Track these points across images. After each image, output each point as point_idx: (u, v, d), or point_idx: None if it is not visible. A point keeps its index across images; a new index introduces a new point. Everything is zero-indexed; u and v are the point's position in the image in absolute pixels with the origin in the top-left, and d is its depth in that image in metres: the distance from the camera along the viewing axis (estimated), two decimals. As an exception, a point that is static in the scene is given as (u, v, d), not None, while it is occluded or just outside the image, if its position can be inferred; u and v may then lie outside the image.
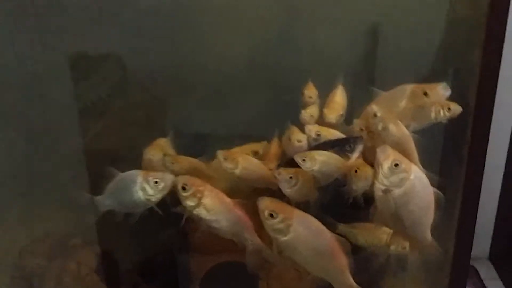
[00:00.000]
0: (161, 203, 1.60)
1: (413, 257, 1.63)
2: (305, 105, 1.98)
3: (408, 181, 1.44)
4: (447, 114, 1.70)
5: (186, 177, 1.57)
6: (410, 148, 1.63)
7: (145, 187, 1.55)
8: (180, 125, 2.09)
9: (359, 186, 1.64)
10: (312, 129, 1.84)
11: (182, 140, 1.94)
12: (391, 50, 2.12)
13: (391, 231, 1.69)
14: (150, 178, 1.56)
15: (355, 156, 1.71)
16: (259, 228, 1.55)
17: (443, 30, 1.97)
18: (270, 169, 1.77)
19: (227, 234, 1.59)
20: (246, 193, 1.72)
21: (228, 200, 1.57)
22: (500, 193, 2.64)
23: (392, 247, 1.73)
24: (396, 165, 1.42)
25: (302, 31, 2.16)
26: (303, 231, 1.48)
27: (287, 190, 1.63)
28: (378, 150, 1.44)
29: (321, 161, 1.65)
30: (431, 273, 1.89)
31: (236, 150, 1.88)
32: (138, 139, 1.94)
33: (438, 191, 1.51)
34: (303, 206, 1.62)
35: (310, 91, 1.99)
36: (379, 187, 1.44)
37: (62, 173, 2.00)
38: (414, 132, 1.68)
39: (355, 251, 1.57)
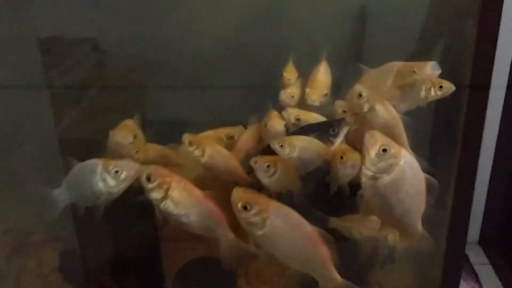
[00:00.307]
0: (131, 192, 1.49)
1: (403, 248, 1.58)
2: (284, 87, 1.86)
3: (398, 167, 1.35)
4: (439, 92, 1.57)
5: (151, 166, 1.46)
6: (399, 131, 1.53)
7: (106, 178, 1.44)
8: (156, 110, 2.01)
9: (345, 173, 1.54)
10: (292, 112, 1.74)
11: (158, 126, 1.90)
12: (379, 23, 2.02)
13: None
14: (111, 168, 1.44)
15: (338, 140, 1.60)
16: (234, 222, 1.45)
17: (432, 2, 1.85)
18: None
19: (198, 230, 1.48)
20: (221, 183, 1.61)
21: (198, 192, 1.47)
22: (490, 176, 2.56)
23: (390, 238, 1.65)
24: (385, 150, 1.34)
25: (285, 7, 2.05)
26: (280, 224, 1.39)
27: (265, 180, 1.53)
28: (366, 134, 1.36)
29: (300, 147, 1.56)
30: (423, 264, 1.82)
31: (208, 133, 1.77)
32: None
33: (431, 177, 1.41)
34: (285, 197, 1.54)
35: (289, 73, 1.87)
36: (366, 173, 1.36)
37: (26, 166, 1.87)
38: (403, 113, 1.59)
39: (349, 244, 1.55)
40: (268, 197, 1.43)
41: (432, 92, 1.57)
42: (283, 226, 1.39)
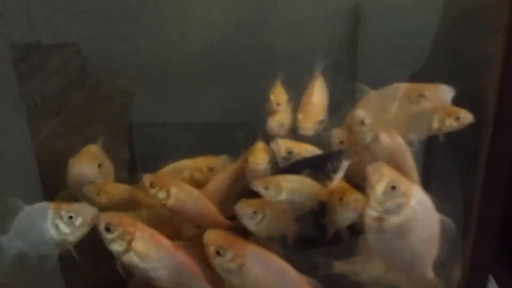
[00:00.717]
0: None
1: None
2: (272, 112, 1.65)
3: (408, 208, 1.18)
4: (454, 124, 1.37)
5: (110, 214, 1.30)
6: (407, 165, 1.37)
7: (59, 224, 1.28)
8: (142, 117, 1.89)
9: (345, 217, 1.38)
10: (282, 144, 1.54)
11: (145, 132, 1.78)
12: (378, 33, 1.83)
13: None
14: (63, 212, 1.28)
15: (338, 177, 1.43)
16: (213, 274, 1.29)
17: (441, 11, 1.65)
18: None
19: (169, 284, 1.31)
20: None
21: (167, 243, 1.30)
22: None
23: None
24: (393, 187, 1.17)
25: (278, 9, 1.88)
26: (260, 272, 1.25)
27: (252, 227, 1.36)
28: (370, 168, 1.21)
29: (289, 189, 1.40)
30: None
31: (185, 163, 1.59)
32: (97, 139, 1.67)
33: (447, 219, 1.24)
34: (279, 242, 1.40)
35: (278, 96, 1.67)
36: (371, 215, 1.19)
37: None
38: (411, 144, 1.41)
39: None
40: (245, 241, 1.29)
41: (447, 123, 1.37)
42: (263, 274, 1.25)
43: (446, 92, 1.39)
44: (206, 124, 1.88)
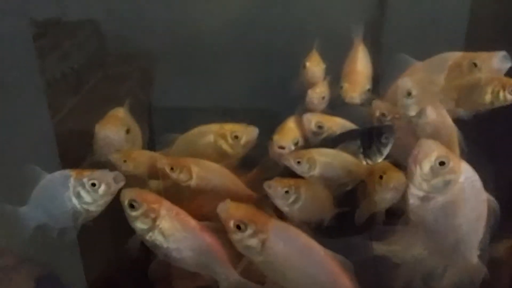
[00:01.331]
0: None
1: (451, 281, 1.26)
2: (308, 83, 1.53)
3: (457, 185, 1.09)
4: (510, 97, 1.24)
5: (134, 190, 1.21)
6: (452, 143, 1.26)
7: (80, 193, 1.19)
8: (162, 98, 1.79)
9: (384, 198, 1.24)
10: (312, 119, 1.42)
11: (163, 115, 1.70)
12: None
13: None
14: (86, 180, 1.19)
15: (385, 153, 1.31)
16: (238, 258, 1.22)
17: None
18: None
19: (192, 266, 1.24)
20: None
21: (193, 222, 1.22)
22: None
23: None
24: (442, 163, 1.08)
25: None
26: (283, 248, 1.15)
27: (285, 208, 1.25)
28: (418, 143, 1.11)
29: (323, 163, 1.28)
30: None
31: (213, 127, 1.44)
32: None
33: (492, 199, 1.16)
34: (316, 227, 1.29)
35: (314, 64, 1.53)
36: (415, 194, 1.11)
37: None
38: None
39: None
40: (267, 215, 1.19)
41: (501, 97, 1.24)
42: (288, 250, 1.16)
43: (501, 61, 1.23)
44: (229, 109, 1.77)
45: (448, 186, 1.09)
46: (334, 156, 1.31)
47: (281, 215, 1.26)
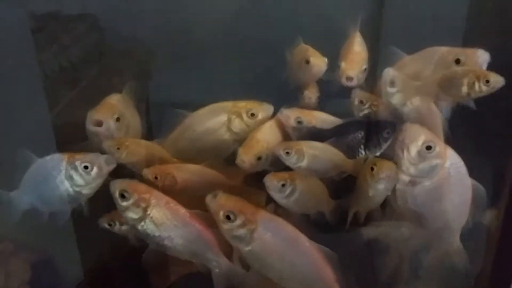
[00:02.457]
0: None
1: (432, 263, 1.28)
2: (309, 78, 1.47)
3: (442, 170, 1.11)
4: (484, 88, 1.21)
5: (124, 180, 1.19)
6: (436, 129, 1.23)
7: (73, 175, 1.18)
8: (160, 93, 1.74)
9: (378, 189, 1.20)
10: (290, 115, 1.38)
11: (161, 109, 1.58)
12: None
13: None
14: (78, 163, 1.18)
15: (384, 147, 1.29)
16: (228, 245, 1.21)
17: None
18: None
19: (184, 254, 1.23)
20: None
21: (183, 211, 1.21)
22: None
23: None
24: (429, 147, 1.10)
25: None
26: (271, 239, 1.15)
27: (281, 201, 1.25)
28: (404, 128, 1.13)
29: (311, 156, 1.26)
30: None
31: (226, 105, 1.40)
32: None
33: (478, 184, 1.16)
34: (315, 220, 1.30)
35: (319, 60, 1.43)
36: (402, 178, 1.13)
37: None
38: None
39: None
40: (256, 206, 1.18)
41: (476, 87, 1.22)
42: (275, 241, 1.15)
43: (482, 57, 1.26)
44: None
45: (435, 171, 1.10)
46: (322, 149, 1.29)
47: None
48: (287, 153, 1.25)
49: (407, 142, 1.09)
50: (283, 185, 1.23)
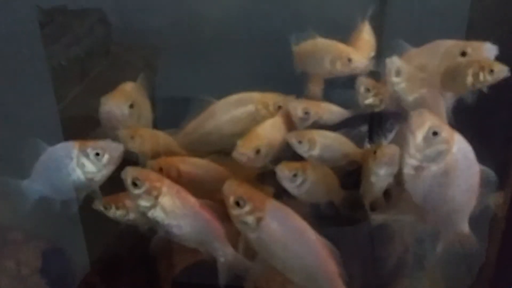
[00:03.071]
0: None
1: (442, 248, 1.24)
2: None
3: (450, 156, 1.07)
4: (489, 78, 1.21)
5: (136, 169, 1.20)
6: (439, 115, 1.22)
7: (84, 163, 1.17)
8: (166, 87, 1.73)
9: (379, 175, 1.20)
10: (298, 106, 1.36)
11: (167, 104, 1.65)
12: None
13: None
14: (89, 150, 1.17)
15: (389, 138, 1.31)
16: (235, 235, 1.22)
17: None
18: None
19: (191, 243, 1.24)
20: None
21: (192, 200, 1.21)
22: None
23: None
24: (435, 133, 1.07)
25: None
26: (277, 228, 1.15)
27: (293, 190, 1.25)
28: (412, 114, 1.09)
29: (323, 145, 1.28)
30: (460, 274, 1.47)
31: (254, 96, 1.40)
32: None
33: (488, 169, 1.12)
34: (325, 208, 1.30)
35: (360, 57, 1.39)
36: (409, 163, 1.09)
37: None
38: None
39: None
40: (266, 195, 1.18)
41: (481, 77, 1.21)
42: (280, 231, 1.15)
43: (490, 50, 1.25)
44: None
45: (441, 156, 1.07)
46: (333, 139, 1.30)
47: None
48: (299, 142, 1.26)
49: (414, 128, 1.06)
50: (294, 175, 1.23)
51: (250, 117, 1.36)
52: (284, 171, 1.23)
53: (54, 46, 1.59)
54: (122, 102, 1.32)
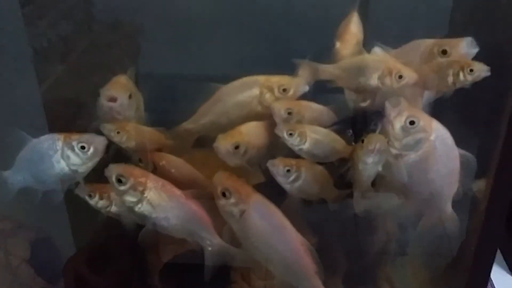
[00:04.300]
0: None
1: (424, 230, 1.26)
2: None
3: (428, 143, 1.09)
4: (469, 77, 1.21)
5: (120, 165, 1.20)
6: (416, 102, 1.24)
7: (69, 155, 1.17)
8: (149, 67, 1.65)
9: (368, 162, 1.16)
10: (280, 107, 1.32)
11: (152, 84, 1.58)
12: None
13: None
14: (75, 143, 1.17)
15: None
16: (221, 225, 1.22)
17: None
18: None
19: (179, 233, 1.24)
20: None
21: (178, 192, 1.21)
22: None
23: None
24: (412, 122, 1.08)
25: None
26: (258, 222, 1.17)
27: (286, 186, 1.24)
28: (388, 103, 1.10)
29: (313, 139, 1.25)
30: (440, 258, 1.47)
31: (258, 78, 1.36)
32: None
33: (467, 153, 1.14)
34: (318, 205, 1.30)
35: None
36: (389, 151, 1.11)
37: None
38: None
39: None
40: (253, 190, 1.19)
41: (461, 77, 1.21)
42: (261, 225, 1.17)
43: (468, 46, 1.24)
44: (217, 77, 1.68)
45: (419, 144, 1.07)
46: (324, 134, 1.27)
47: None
48: (290, 134, 1.23)
49: (391, 118, 1.07)
50: (288, 170, 1.22)
51: (255, 100, 1.33)
52: (278, 166, 1.21)
53: (35, 26, 1.53)
54: (123, 93, 1.31)
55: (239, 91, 1.35)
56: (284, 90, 1.32)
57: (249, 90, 1.34)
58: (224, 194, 1.15)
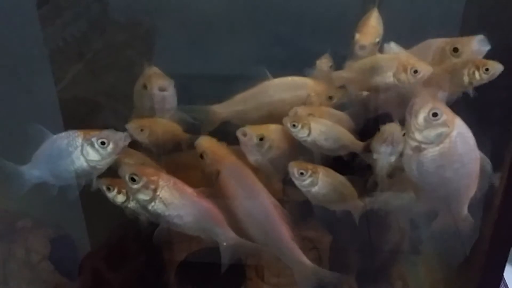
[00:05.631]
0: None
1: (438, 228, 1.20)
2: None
3: (448, 139, 1.03)
4: (484, 76, 1.18)
5: (134, 165, 1.21)
6: None
7: (88, 152, 1.14)
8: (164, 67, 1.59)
9: (381, 151, 1.14)
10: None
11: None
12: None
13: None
14: (95, 139, 1.14)
15: None
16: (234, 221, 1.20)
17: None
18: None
19: (193, 231, 1.21)
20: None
21: (190, 190, 1.19)
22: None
23: None
24: (435, 114, 1.02)
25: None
26: (230, 182, 1.20)
27: (303, 190, 1.20)
28: (416, 95, 1.06)
29: (318, 131, 1.22)
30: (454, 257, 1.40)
31: (291, 80, 1.35)
32: (119, 86, 1.51)
33: (485, 157, 1.08)
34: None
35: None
36: (409, 143, 1.05)
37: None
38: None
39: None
40: (233, 156, 1.23)
41: (477, 76, 1.18)
42: (233, 185, 1.20)
43: (480, 44, 1.22)
44: (228, 76, 1.62)
45: (440, 138, 1.02)
46: (331, 127, 1.24)
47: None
48: (294, 125, 1.20)
49: (415, 108, 1.02)
50: (301, 173, 1.18)
51: (300, 102, 1.31)
52: (293, 167, 1.18)
53: (51, 26, 1.50)
54: (170, 82, 1.31)
55: (287, 88, 1.34)
56: (330, 97, 1.31)
57: (297, 90, 1.33)
58: (201, 156, 1.19)
